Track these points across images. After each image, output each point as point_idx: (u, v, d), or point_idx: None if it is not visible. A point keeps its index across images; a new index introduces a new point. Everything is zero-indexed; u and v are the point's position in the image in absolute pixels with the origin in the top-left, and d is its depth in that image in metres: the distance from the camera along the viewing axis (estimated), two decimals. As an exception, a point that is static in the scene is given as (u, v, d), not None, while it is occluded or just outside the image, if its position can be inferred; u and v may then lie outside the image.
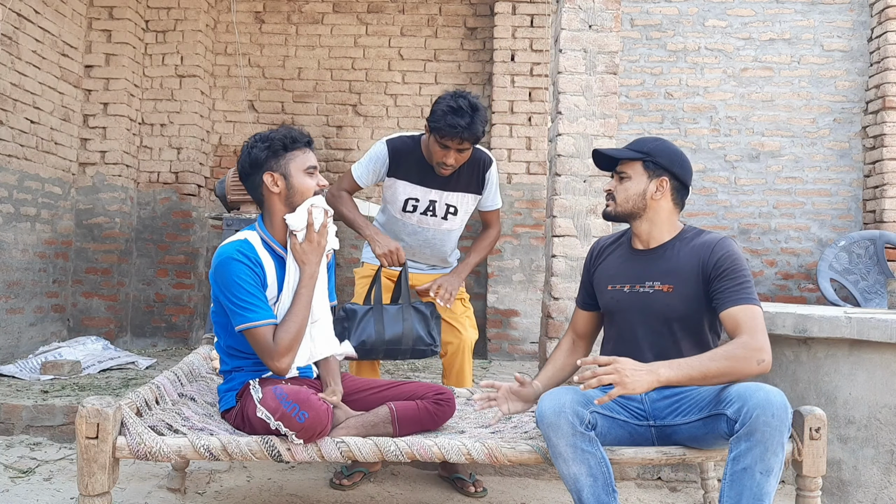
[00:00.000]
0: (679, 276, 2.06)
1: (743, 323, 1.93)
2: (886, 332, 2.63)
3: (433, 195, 2.79)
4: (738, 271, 1.99)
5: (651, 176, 2.11)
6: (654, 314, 2.09)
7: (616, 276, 2.18)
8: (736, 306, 1.95)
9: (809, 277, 5.12)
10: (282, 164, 2.13)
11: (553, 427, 1.86)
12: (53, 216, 4.78)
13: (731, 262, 2.00)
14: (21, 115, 4.36)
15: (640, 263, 2.14)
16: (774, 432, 1.73)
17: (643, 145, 2.14)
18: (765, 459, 1.74)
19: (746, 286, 1.98)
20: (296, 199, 2.14)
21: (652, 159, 2.10)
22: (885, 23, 4.93)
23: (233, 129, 5.57)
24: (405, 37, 5.54)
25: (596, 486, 1.84)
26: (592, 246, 2.35)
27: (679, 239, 2.13)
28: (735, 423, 1.79)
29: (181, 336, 5.23)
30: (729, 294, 1.98)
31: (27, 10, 4.36)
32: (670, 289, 2.06)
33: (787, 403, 1.78)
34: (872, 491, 2.69)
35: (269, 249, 2.16)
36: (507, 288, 5.13)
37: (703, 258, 2.04)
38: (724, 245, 2.05)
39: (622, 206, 2.14)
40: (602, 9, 3.15)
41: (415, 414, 2.18)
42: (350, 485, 2.71)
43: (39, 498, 2.55)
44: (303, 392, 1.94)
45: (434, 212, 2.81)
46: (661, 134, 5.19)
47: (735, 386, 1.87)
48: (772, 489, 1.75)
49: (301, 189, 2.14)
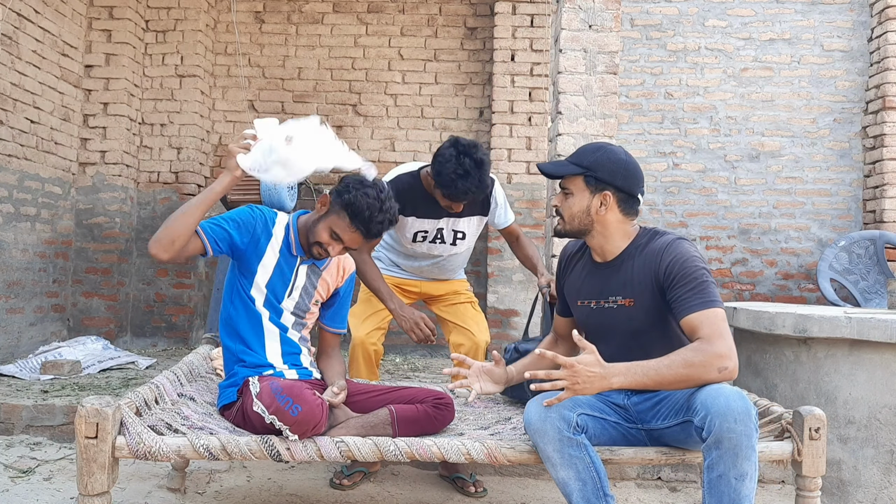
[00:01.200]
0: (636, 288, 2.01)
1: (700, 328, 1.85)
2: (886, 332, 2.63)
3: (440, 224, 2.82)
4: (689, 275, 1.91)
5: (593, 191, 2.02)
6: (621, 329, 2.04)
7: (582, 290, 2.13)
8: (692, 313, 1.87)
9: (809, 277, 5.12)
10: (338, 210, 2.18)
11: (540, 433, 1.85)
12: (53, 216, 4.78)
13: (680, 268, 1.92)
14: (21, 114, 4.36)
15: (601, 277, 2.09)
16: (741, 437, 1.71)
17: (583, 158, 2.05)
18: (737, 465, 1.72)
19: (700, 289, 1.89)
20: (310, 230, 2.24)
21: (592, 174, 2.02)
22: (885, 23, 4.93)
23: (233, 129, 5.57)
24: (405, 37, 5.54)
25: (585, 491, 1.83)
26: (560, 253, 2.28)
27: (633, 247, 2.06)
28: (702, 430, 1.77)
29: (181, 336, 5.23)
30: (683, 301, 1.90)
31: (27, 9, 4.36)
32: (631, 302, 2.00)
33: (749, 406, 1.74)
34: (872, 491, 2.69)
35: (286, 237, 2.28)
36: (507, 288, 5.13)
37: (654, 268, 1.97)
38: (671, 251, 1.96)
39: (570, 223, 2.06)
40: (602, 9, 3.15)
41: (414, 417, 2.19)
42: (350, 484, 2.71)
43: (39, 498, 2.55)
44: (297, 386, 1.96)
45: (443, 239, 2.85)
46: (661, 134, 5.20)
47: (700, 392, 1.81)
48: (749, 491, 1.74)
49: (317, 232, 2.20)
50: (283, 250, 2.27)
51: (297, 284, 2.30)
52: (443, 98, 5.50)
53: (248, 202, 4.19)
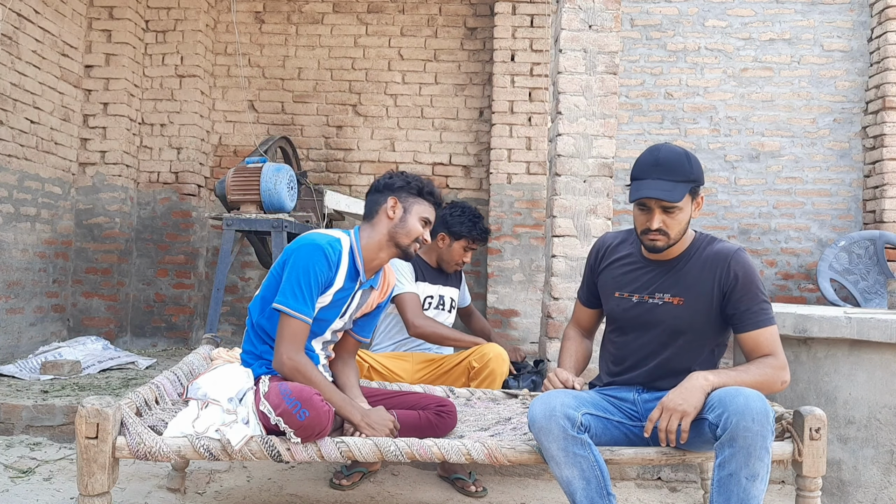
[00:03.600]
0: (692, 290, 2.02)
1: (766, 345, 1.96)
2: (886, 332, 2.63)
3: (442, 291, 3.18)
4: (757, 291, 1.98)
5: (692, 197, 2.03)
6: (661, 325, 2.05)
7: (625, 284, 2.12)
8: (759, 329, 1.97)
9: (809, 277, 5.12)
10: (409, 201, 2.26)
11: (544, 431, 1.85)
12: (53, 216, 4.78)
13: (749, 282, 1.98)
14: (21, 115, 4.36)
15: (652, 274, 2.08)
16: (756, 437, 1.72)
17: (687, 172, 1.98)
18: (749, 465, 1.73)
19: (765, 306, 1.98)
20: (401, 234, 2.23)
21: (697, 183, 2.01)
22: (885, 23, 4.93)
23: (233, 129, 5.57)
24: (405, 37, 5.54)
25: (589, 489, 1.83)
26: (598, 243, 2.26)
27: (692, 249, 2.07)
28: (717, 427, 1.78)
29: (181, 336, 5.23)
30: (750, 316, 1.97)
31: (27, 10, 4.36)
32: (681, 301, 2.02)
33: (768, 407, 1.77)
34: (872, 491, 2.69)
35: (352, 258, 2.22)
36: (507, 288, 5.13)
37: (719, 275, 2.00)
38: (740, 261, 2.00)
39: (676, 238, 2.01)
40: (602, 9, 3.15)
41: (416, 423, 2.20)
42: (349, 484, 2.72)
43: (39, 498, 2.54)
44: (306, 391, 1.95)
45: (443, 305, 3.18)
46: (661, 134, 5.20)
47: (717, 390, 1.85)
48: (759, 493, 1.75)
49: (410, 229, 2.24)
50: (347, 281, 2.20)
51: (350, 310, 2.28)
52: (443, 98, 5.50)
53: (248, 202, 4.21)
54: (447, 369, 2.96)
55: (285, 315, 2.08)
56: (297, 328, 2.08)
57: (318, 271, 2.09)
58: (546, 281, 3.29)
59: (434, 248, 3.17)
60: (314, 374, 2.09)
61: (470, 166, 5.48)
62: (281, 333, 2.09)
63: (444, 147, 5.49)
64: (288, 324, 2.08)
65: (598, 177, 3.12)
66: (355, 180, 5.46)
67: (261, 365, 2.20)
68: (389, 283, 2.41)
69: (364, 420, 2.08)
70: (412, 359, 3.03)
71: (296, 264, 2.10)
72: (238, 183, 4.22)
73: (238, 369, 2.17)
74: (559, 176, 3.14)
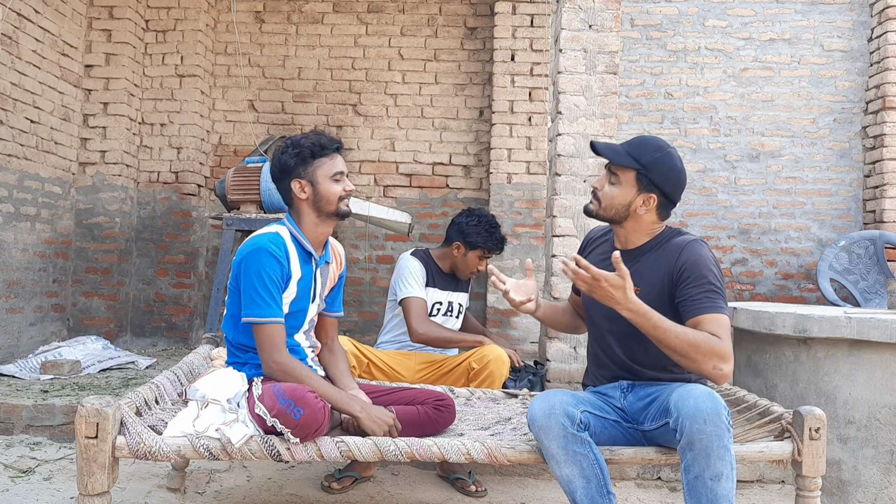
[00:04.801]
0: (646, 279, 2.03)
1: (709, 329, 1.88)
2: (886, 332, 2.63)
3: (451, 297, 3.19)
4: (703, 278, 1.93)
5: (640, 190, 2.02)
6: (621, 314, 2.05)
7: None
8: (703, 314, 1.90)
9: (809, 277, 5.12)
10: (309, 171, 2.19)
11: (544, 429, 1.86)
12: (53, 216, 4.78)
13: (696, 269, 1.94)
14: (21, 114, 4.36)
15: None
16: (712, 438, 1.71)
17: (643, 154, 2.02)
18: (710, 466, 1.72)
19: (713, 295, 1.92)
20: (322, 204, 2.19)
21: (647, 174, 2.01)
22: (885, 23, 4.93)
23: (233, 128, 5.57)
24: (405, 37, 5.54)
25: (589, 488, 1.83)
26: (585, 236, 2.35)
27: (657, 241, 2.08)
28: (676, 432, 1.78)
29: (181, 336, 5.23)
30: (694, 301, 1.93)
31: (27, 9, 4.36)
32: (637, 291, 2.01)
33: (719, 406, 1.74)
34: (872, 491, 2.69)
35: (297, 244, 2.21)
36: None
37: (669, 264, 2.00)
38: (691, 250, 1.98)
39: (605, 210, 2.08)
40: (602, 9, 3.15)
41: (415, 419, 2.20)
42: (339, 488, 2.68)
43: (39, 497, 2.55)
44: (299, 389, 1.95)
45: (451, 311, 3.19)
46: (661, 134, 5.19)
47: (674, 393, 1.84)
48: (727, 490, 1.74)
49: (327, 195, 2.19)
50: (303, 266, 2.20)
51: (318, 291, 2.28)
52: (443, 98, 5.50)
53: (248, 202, 4.21)
54: (447, 370, 2.96)
55: (257, 325, 2.09)
56: (272, 332, 2.08)
57: (270, 271, 2.09)
58: (546, 281, 3.29)
59: (449, 255, 3.15)
60: (303, 372, 2.09)
61: (470, 166, 5.48)
62: (260, 343, 2.10)
63: (444, 147, 5.49)
64: (262, 331, 2.08)
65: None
66: (355, 180, 5.46)
67: (250, 368, 2.20)
68: (337, 250, 2.41)
69: (365, 411, 2.07)
70: (415, 358, 3.04)
71: (247, 274, 2.10)
72: (238, 183, 4.22)
73: (234, 372, 2.18)
74: (559, 176, 3.14)
